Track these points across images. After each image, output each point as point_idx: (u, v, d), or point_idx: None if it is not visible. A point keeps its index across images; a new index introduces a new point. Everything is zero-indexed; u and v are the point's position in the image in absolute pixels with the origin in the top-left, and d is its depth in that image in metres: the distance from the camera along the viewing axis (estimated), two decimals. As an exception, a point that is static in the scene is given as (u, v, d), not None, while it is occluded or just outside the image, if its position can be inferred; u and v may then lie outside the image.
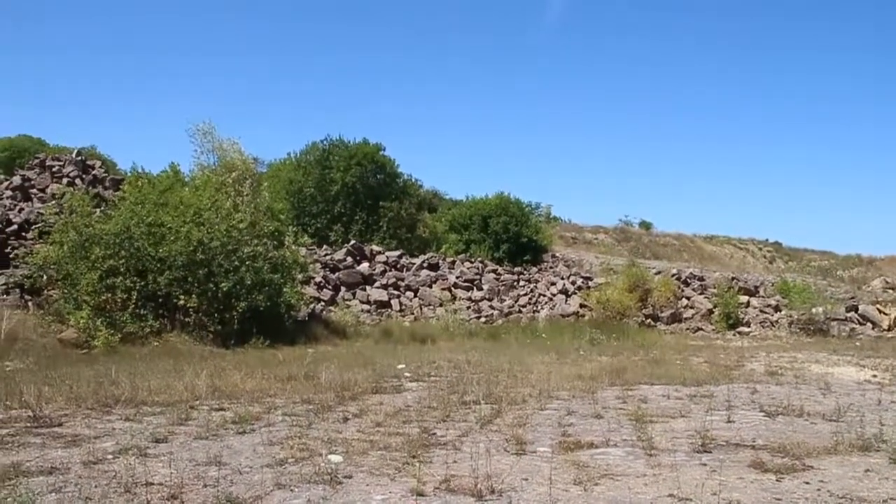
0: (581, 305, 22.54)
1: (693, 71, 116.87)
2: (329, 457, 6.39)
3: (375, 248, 25.08)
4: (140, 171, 20.63)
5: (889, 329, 22.79)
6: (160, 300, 16.28)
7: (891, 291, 28.83)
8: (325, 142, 30.07)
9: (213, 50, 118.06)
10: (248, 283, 16.58)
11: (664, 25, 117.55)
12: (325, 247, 24.93)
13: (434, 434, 7.65)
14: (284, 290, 17.72)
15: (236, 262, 16.71)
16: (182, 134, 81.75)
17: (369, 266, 23.54)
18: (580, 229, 43.20)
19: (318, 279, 22.03)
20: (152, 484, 5.54)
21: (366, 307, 21.60)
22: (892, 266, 54.27)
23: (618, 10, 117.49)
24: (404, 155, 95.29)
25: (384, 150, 29.85)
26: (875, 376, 12.98)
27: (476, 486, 5.68)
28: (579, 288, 23.71)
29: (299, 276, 19.54)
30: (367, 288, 22.50)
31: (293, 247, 19.74)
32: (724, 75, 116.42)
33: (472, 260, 25.73)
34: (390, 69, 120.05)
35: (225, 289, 16.19)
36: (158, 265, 16.25)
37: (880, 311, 23.76)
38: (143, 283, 15.96)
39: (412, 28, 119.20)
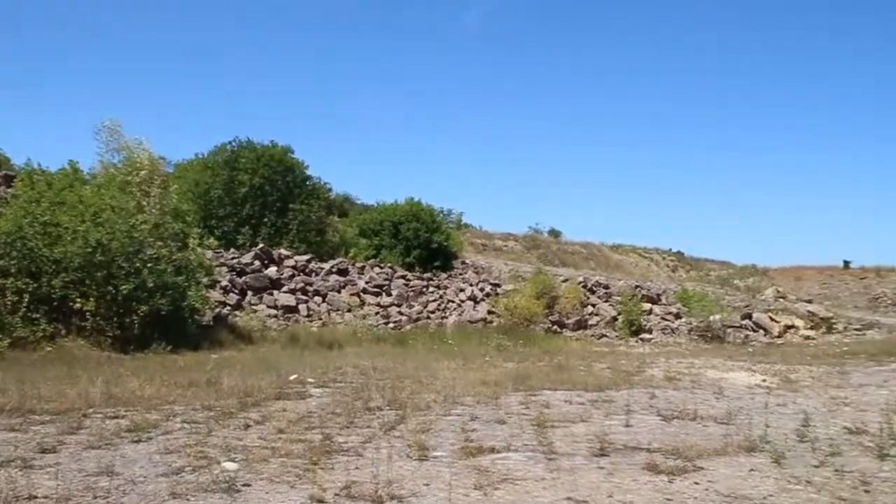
0: (489, 312, 22.78)
1: (603, 80, 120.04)
2: (224, 464, 6.27)
3: (284, 251, 24.73)
4: (36, 167, 19.72)
5: (779, 336, 23.85)
6: (55, 303, 15.61)
7: (782, 300, 30.16)
8: (232, 143, 29.53)
9: (119, 48, 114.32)
10: (150, 286, 16.07)
11: (578, 33, 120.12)
12: (232, 250, 24.44)
13: (337, 441, 7.60)
14: (188, 293, 17.26)
15: (138, 265, 16.18)
16: (85, 133, 78.85)
17: (277, 270, 23.21)
18: (490, 236, 43.71)
19: (224, 283, 21.57)
20: (35, 497, 5.32)
21: (273, 312, 21.26)
22: (785, 276, 56.88)
23: (536, 16, 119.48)
24: (315, 159, 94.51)
25: (293, 152, 29.54)
26: (764, 381, 13.56)
27: (376, 492, 5.68)
28: (488, 294, 23.96)
29: (204, 280, 19.07)
30: (275, 292, 22.16)
31: (198, 249, 19.27)
32: (630, 85, 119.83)
33: (382, 265, 25.70)
34: (303, 72, 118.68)
35: (125, 292, 15.66)
36: (53, 267, 15.58)
37: (772, 319, 24.85)
38: (35, 286, 15.27)
39: (325, 30, 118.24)
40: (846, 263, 60.61)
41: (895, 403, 10.63)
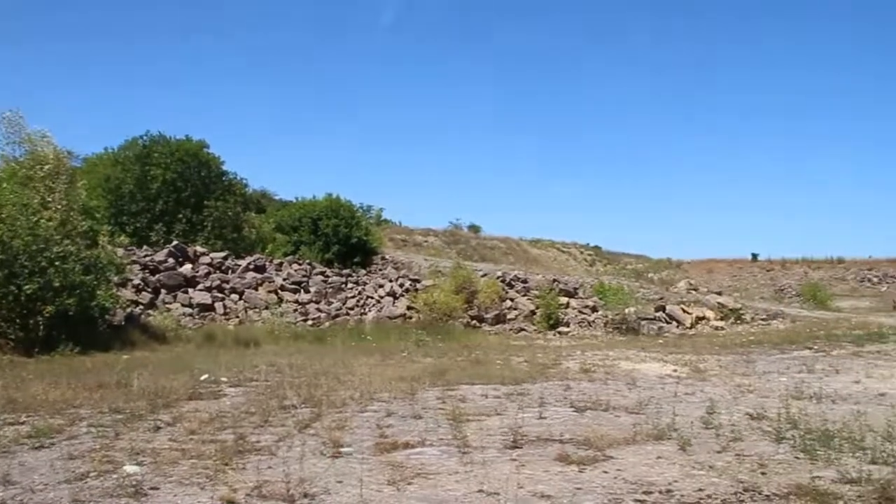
0: (408, 307, 22.79)
1: (519, 75, 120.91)
2: (125, 468, 6.11)
3: (199, 249, 24.20)
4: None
5: (691, 327, 24.60)
6: (-49, 305, 14.94)
7: (694, 292, 31.12)
8: (145, 137, 28.69)
9: (19, 31, 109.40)
10: (56, 285, 15.51)
11: (492, 28, 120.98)
12: (145, 247, 23.76)
13: (250, 440, 7.50)
14: (98, 293, 16.71)
15: (43, 263, 15.59)
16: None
17: (192, 268, 22.70)
18: (410, 232, 43.69)
19: (136, 281, 20.98)
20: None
21: (188, 310, 20.79)
22: (698, 269, 58.77)
23: (452, 13, 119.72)
24: (232, 154, 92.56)
25: (208, 147, 28.88)
26: (675, 371, 13.99)
27: (288, 491, 5.64)
28: (407, 290, 23.96)
29: (115, 279, 18.51)
30: (190, 290, 21.68)
31: (109, 247, 18.68)
32: (546, 80, 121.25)
33: (301, 262, 25.41)
34: (218, 67, 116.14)
35: (28, 292, 15.07)
36: (-50, 266, 14.91)
37: (684, 311, 25.62)
38: (-70, 285, 14.60)
39: (243, 24, 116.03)
40: (754, 256, 63.07)
41: (794, 390, 11.15)
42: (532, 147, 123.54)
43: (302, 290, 23.42)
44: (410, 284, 24.51)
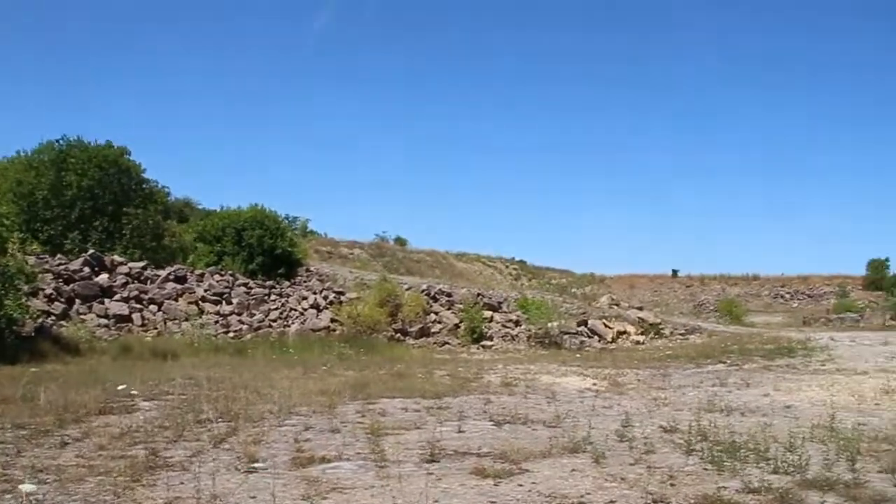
0: (332, 320, 22.61)
1: (449, 86, 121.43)
2: (22, 487, 5.88)
3: (117, 258, 23.51)
4: None
5: (612, 341, 25.10)
6: None
7: (615, 307, 31.73)
8: (61, 141, 27.73)
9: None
10: (-40, 294, 14.90)
11: (424, 37, 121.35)
12: (59, 256, 22.97)
13: (162, 456, 7.33)
14: (6, 302, 16.10)
15: (-54, 271, 14.96)
16: None
17: (109, 277, 22.05)
18: (336, 244, 43.42)
19: (48, 291, 20.27)
20: None
21: (104, 321, 20.18)
22: (620, 284, 60.07)
23: (385, 20, 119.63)
24: (156, 163, 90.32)
25: (129, 154, 28.11)
26: (594, 385, 14.24)
27: (199, 508, 5.53)
28: (331, 302, 23.78)
29: (25, 288, 17.85)
30: (106, 301, 21.05)
31: (19, 255, 18.02)
32: (475, 93, 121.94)
33: (223, 273, 24.95)
34: (144, 72, 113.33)
35: (-72, 301, 14.45)
36: None
37: (606, 326, 26.12)
38: None
39: (169, 28, 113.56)
40: (675, 272, 64.79)
41: (706, 403, 11.48)
42: (458, 160, 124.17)
43: (224, 302, 23.00)
44: (335, 297, 24.34)
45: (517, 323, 25.25)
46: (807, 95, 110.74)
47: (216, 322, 21.68)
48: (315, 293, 24.69)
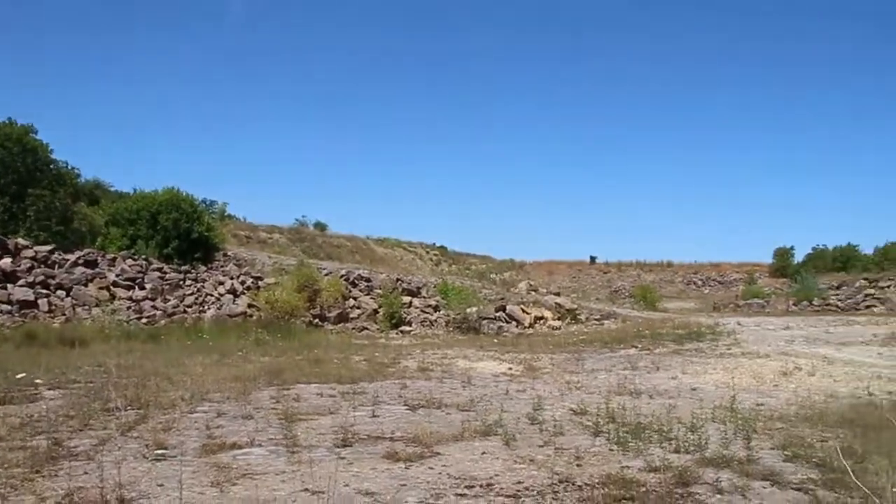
0: (249, 305, 22.29)
1: (368, 69, 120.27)
2: None
3: (21, 241, 22.58)
4: None
5: (530, 326, 25.46)
6: None
7: (534, 293, 32.21)
8: (-39, 119, 26.50)
9: None
10: None
11: (341, 17, 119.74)
12: (-42, 239, 21.97)
13: (66, 445, 7.15)
14: None
15: None
16: None
17: (13, 262, 21.18)
18: (255, 228, 42.74)
19: (-54, 276, 19.38)
20: None
21: (6, 308, 19.38)
22: (539, 270, 60.93)
23: (299, 8, 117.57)
24: (66, 143, 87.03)
25: (36, 132, 27.01)
26: (510, 369, 14.48)
27: (103, 497, 5.44)
28: (248, 288, 23.42)
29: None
30: (9, 286, 20.21)
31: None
32: (394, 77, 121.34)
33: (136, 257, 24.26)
34: (53, 54, 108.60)
35: None
36: None
37: (523, 311, 26.47)
38: None
39: (83, 14, 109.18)
40: (592, 259, 66.12)
41: (616, 386, 11.82)
42: (380, 146, 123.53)
43: (137, 287, 22.40)
44: (252, 282, 23.99)
45: (436, 308, 25.38)
46: (716, 85, 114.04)
47: (128, 308, 21.10)
48: (232, 278, 24.29)
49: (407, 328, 23.52)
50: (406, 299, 24.95)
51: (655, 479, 6.14)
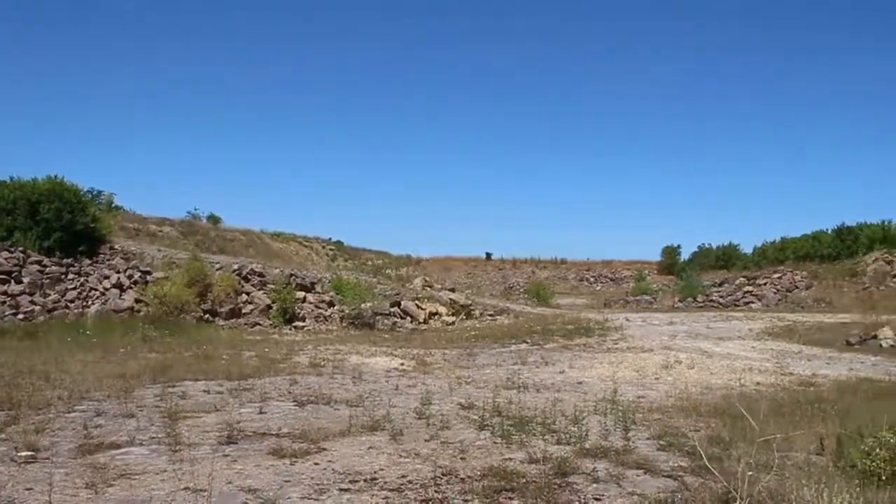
0: (137, 301, 21.56)
1: (263, 61, 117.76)
2: None
3: None
4: None
5: (424, 322, 25.61)
6: None
7: (429, 289, 32.36)
8: None
9: None
10: None
11: (232, 8, 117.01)
12: None
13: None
14: None
15: None
16: None
17: None
18: (144, 220, 41.14)
19: None
20: None
21: None
22: (436, 266, 61.26)
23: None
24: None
25: None
26: (402, 364, 14.55)
27: (-35, 502, 5.19)
28: (136, 282, 22.64)
29: None
30: None
31: None
32: (287, 70, 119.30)
33: (12, 249, 23.05)
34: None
35: None
36: None
37: (418, 307, 26.59)
38: None
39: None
40: (488, 255, 66.97)
41: (505, 380, 12.07)
42: (275, 137, 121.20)
43: (13, 281, 21.32)
44: (140, 276, 23.20)
45: (330, 304, 25.20)
46: (607, 84, 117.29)
47: (3, 303, 20.09)
48: (119, 272, 23.42)
49: (300, 324, 23.26)
50: (300, 294, 24.66)
51: (536, 471, 6.33)
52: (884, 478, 5.43)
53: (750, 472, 5.20)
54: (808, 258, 44.08)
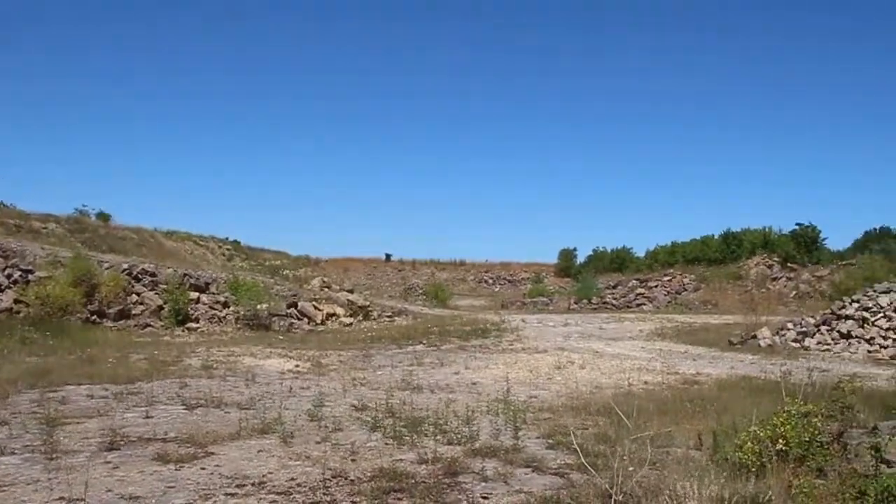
0: (16, 301, 20.49)
1: (156, 56, 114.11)
2: None
3: None
4: None
5: (322, 323, 25.37)
6: None
7: (327, 290, 32.10)
8: None
9: None
10: None
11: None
12: None
13: None
14: None
15: None
16: None
17: None
18: (27, 217, 39.20)
19: None
20: None
21: None
22: (335, 267, 60.72)
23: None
24: None
25: None
26: (297, 366, 14.38)
27: None
28: (16, 282, 21.53)
29: None
30: None
31: None
32: (180, 66, 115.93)
33: None
34: None
35: None
36: None
37: (315, 308, 26.32)
38: None
39: None
40: (388, 256, 66.83)
41: (400, 381, 12.09)
42: (170, 133, 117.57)
43: None
44: (21, 275, 22.08)
45: (225, 304, 24.64)
46: (507, 93, 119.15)
47: None
48: (-3, 271, 22.24)
49: (194, 325, 22.66)
50: (194, 295, 24.01)
51: (425, 471, 6.37)
52: (753, 469, 5.71)
53: (630, 468, 5.40)
54: (697, 261, 45.94)
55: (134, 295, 23.14)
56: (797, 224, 44.82)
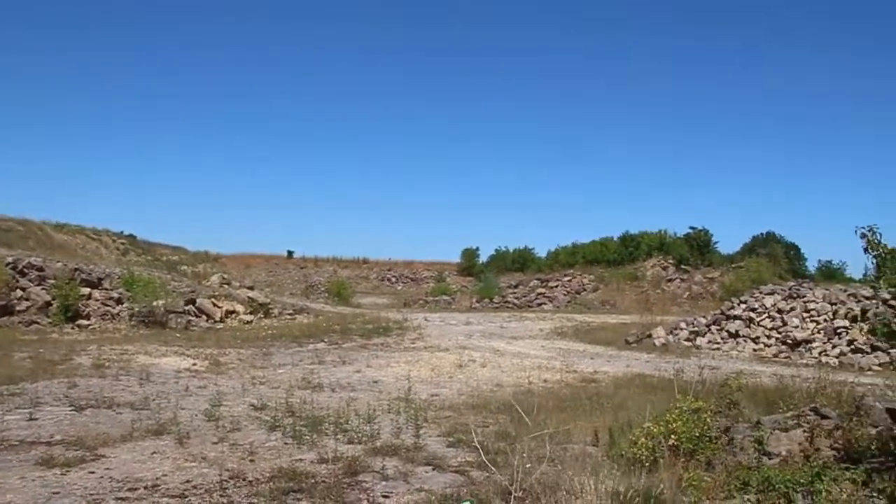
0: None
1: (68, 44, 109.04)
2: None
3: None
4: None
5: (221, 321, 24.77)
6: None
7: (227, 286, 31.38)
8: None
9: None
10: None
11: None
12: None
13: None
14: None
15: None
16: None
17: None
18: None
19: None
20: None
21: None
22: (236, 263, 59.44)
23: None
24: None
25: None
26: (194, 365, 14.01)
27: None
28: None
29: None
30: None
31: None
32: (68, 54, 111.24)
33: None
34: None
35: None
36: None
37: (214, 305, 25.67)
38: None
39: None
40: (290, 253, 65.86)
41: (301, 380, 11.94)
42: (63, 122, 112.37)
43: None
44: None
45: (119, 301, 23.74)
46: (413, 86, 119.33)
47: None
48: None
49: (85, 322, 21.75)
50: (85, 291, 23.03)
51: (326, 470, 6.31)
52: (647, 464, 5.89)
53: (529, 465, 5.49)
54: (596, 262, 47.08)
55: (19, 290, 22.01)
56: (691, 227, 46.59)
